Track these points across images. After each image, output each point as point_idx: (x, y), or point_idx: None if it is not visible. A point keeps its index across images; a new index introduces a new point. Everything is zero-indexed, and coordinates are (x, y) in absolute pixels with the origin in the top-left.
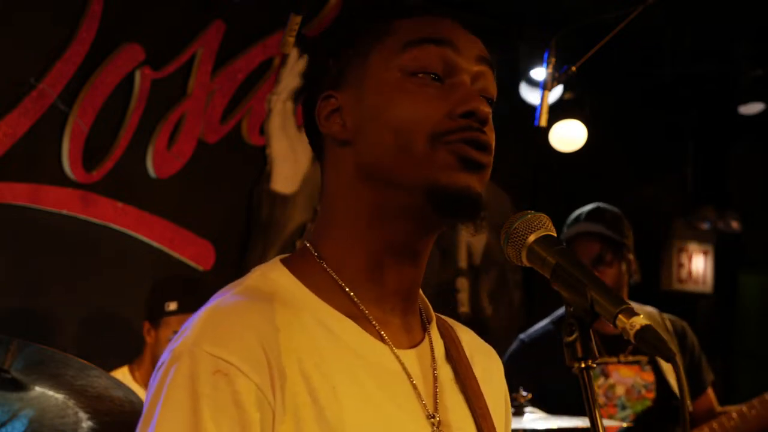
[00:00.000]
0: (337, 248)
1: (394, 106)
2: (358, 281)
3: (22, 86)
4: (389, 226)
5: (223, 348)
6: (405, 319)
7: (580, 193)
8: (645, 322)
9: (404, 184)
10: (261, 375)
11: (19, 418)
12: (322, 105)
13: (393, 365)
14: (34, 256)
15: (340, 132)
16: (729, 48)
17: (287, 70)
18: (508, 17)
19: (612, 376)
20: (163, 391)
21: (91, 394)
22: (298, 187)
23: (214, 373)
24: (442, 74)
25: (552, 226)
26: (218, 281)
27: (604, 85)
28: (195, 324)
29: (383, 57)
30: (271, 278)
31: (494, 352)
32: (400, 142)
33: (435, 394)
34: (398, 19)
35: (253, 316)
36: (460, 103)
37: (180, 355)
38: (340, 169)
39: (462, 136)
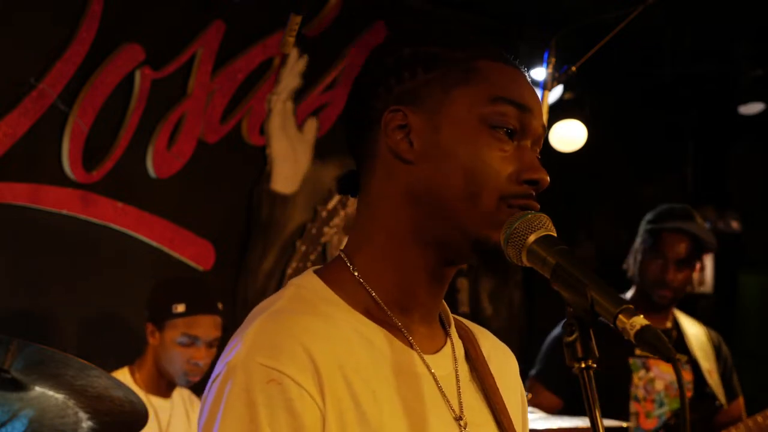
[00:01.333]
0: (372, 262)
1: (470, 153)
2: (389, 293)
3: (22, 86)
4: (427, 252)
5: (275, 359)
6: (429, 326)
7: (580, 193)
8: (645, 322)
9: (458, 227)
10: (310, 382)
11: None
12: (390, 116)
13: (422, 370)
14: (34, 256)
15: (406, 150)
16: (729, 48)
17: (287, 70)
18: (508, 17)
19: (653, 371)
20: (222, 402)
21: (91, 394)
22: (298, 187)
23: (268, 383)
24: (515, 132)
25: (552, 226)
26: (218, 281)
27: (604, 85)
28: (245, 338)
29: (468, 99)
30: (306, 290)
31: (509, 350)
32: (471, 189)
33: (459, 394)
34: (483, 60)
35: (296, 329)
36: (529, 170)
37: (234, 367)
38: (392, 185)
39: (522, 203)
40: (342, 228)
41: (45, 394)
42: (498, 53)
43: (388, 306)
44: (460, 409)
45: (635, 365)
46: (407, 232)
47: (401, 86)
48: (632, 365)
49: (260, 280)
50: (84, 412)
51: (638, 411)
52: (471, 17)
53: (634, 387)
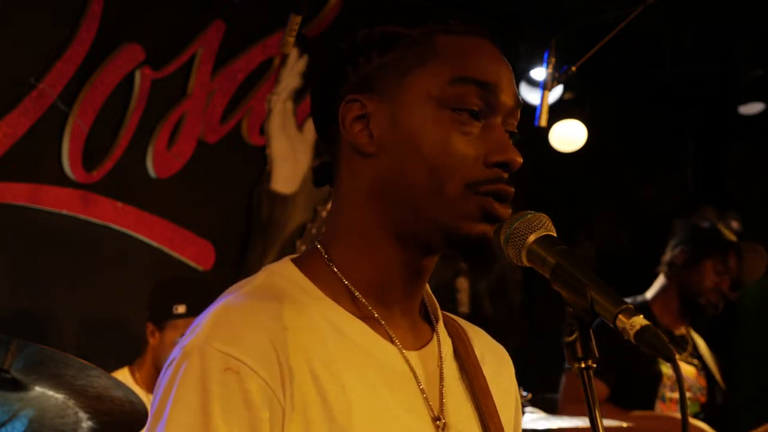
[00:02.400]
0: (346, 254)
1: (432, 141)
2: (366, 286)
3: (22, 86)
4: (400, 244)
5: (234, 346)
6: (412, 320)
7: (580, 193)
8: (645, 322)
9: (427, 219)
10: (271, 373)
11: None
12: (347, 108)
13: (401, 366)
14: (34, 256)
15: (366, 144)
16: (729, 48)
17: (287, 70)
18: (508, 17)
19: None
20: (174, 388)
21: (91, 394)
22: (298, 187)
23: (225, 371)
24: (480, 111)
25: (552, 226)
26: (218, 281)
27: (604, 85)
28: (205, 322)
29: (426, 82)
30: (281, 277)
31: (506, 352)
32: (435, 179)
33: (441, 395)
34: (442, 35)
35: (263, 315)
36: (496, 152)
37: (190, 352)
38: (357, 179)
39: (492, 189)
40: None
41: (45, 394)
42: (459, 24)
43: (366, 298)
44: (440, 410)
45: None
46: (377, 226)
47: (357, 73)
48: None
49: None
50: (84, 412)
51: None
52: (471, 17)
53: (662, 386)
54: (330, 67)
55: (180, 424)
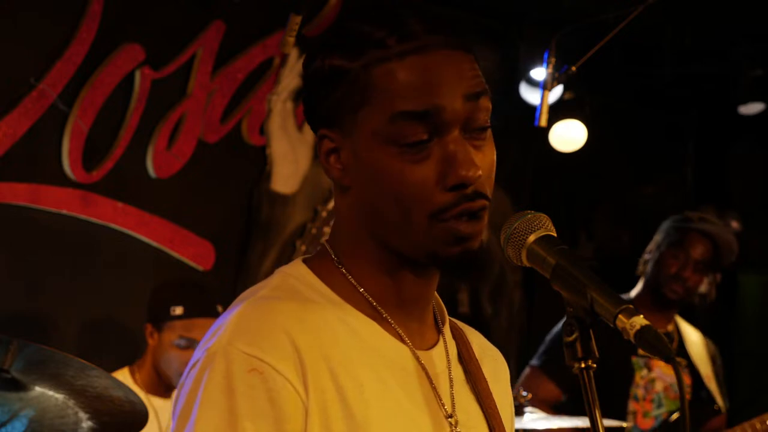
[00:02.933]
0: (354, 260)
1: (388, 174)
2: (376, 289)
3: (22, 86)
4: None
5: (257, 347)
6: (421, 322)
7: (580, 193)
8: (645, 322)
9: (407, 246)
10: (293, 372)
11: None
12: (320, 144)
13: (413, 365)
14: (34, 256)
15: (340, 177)
16: (729, 48)
17: (287, 70)
18: (508, 17)
19: (654, 371)
20: (200, 389)
21: (91, 394)
22: (298, 187)
23: (249, 372)
24: (429, 137)
25: (552, 226)
26: (218, 281)
27: (604, 85)
28: (227, 324)
29: (370, 121)
30: (295, 279)
31: (500, 354)
32: (401, 215)
33: (451, 394)
34: (378, 66)
35: (282, 316)
36: (450, 174)
37: (215, 354)
38: (345, 203)
39: (456, 212)
40: None
41: (45, 394)
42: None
43: (377, 300)
44: (452, 408)
45: (638, 364)
46: (373, 244)
47: (320, 108)
48: (635, 364)
49: (260, 280)
50: (84, 412)
51: (636, 410)
52: (471, 17)
53: (634, 386)
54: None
55: (208, 425)
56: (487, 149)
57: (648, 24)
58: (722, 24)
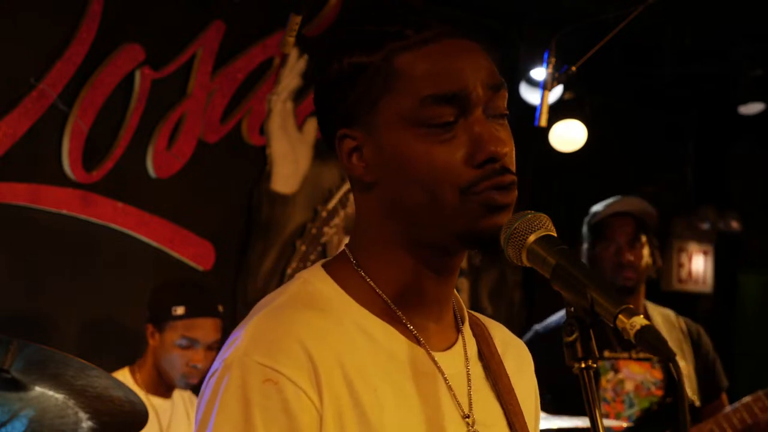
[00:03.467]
0: (373, 262)
1: (415, 158)
2: (394, 290)
3: (22, 86)
4: (422, 252)
5: (272, 358)
6: (440, 322)
7: (580, 193)
8: (645, 322)
9: (436, 230)
10: (308, 382)
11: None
12: (341, 144)
13: (429, 368)
14: (34, 256)
15: (363, 175)
16: (729, 48)
17: (287, 70)
18: (508, 17)
19: (622, 372)
20: (217, 399)
21: (91, 394)
22: (298, 187)
23: (264, 382)
24: (455, 119)
25: (552, 226)
26: (218, 281)
27: (604, 85)
28: (244, 335)
29: (395, 105)
30: (313, 285)
31: (524, 346)
32: (429, 196)
33: (469, 393)
34: (399, 55)
35: (297, 326)
36: (478, 150)
37: (231, 365)
38: (367, 203)
39: (488, 185)
40: (342, 228)
41: (45, 394)
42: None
43: (394, 302)
44: (470, 408)
45: (603, 368)
46: (397, 240)
47: (340, 108)
48: (600, 368)
49: (260, 280)
50: (84, 412)
51: (608, 412)
52: (471, 17)
53: (602, 390)
54: (319, 103)
55: None
56: (507, 133)
57: (648, 24)
58: (722, 24)
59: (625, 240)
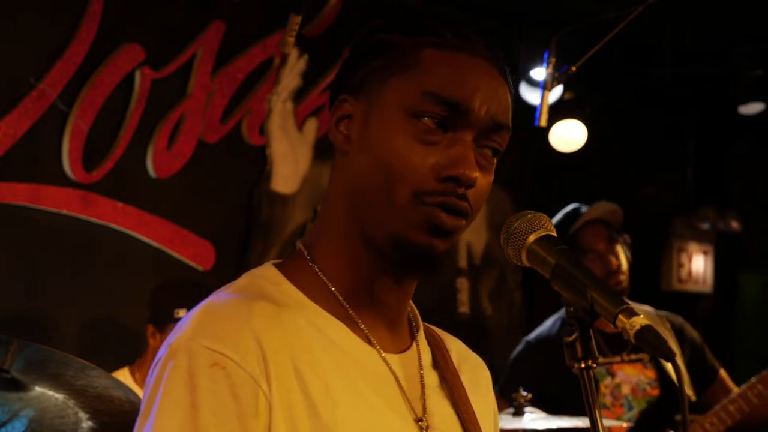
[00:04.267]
0: (328, 255)
1: (391, 146)
2: (347, 288)
3: (22, 86)
4: (375, 256)
5: (220, 342)
6: (393, 326)
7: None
8: (645, 322)
9: (378, 223)
10: (256, 368)
11: (19, 418)
12: (336, 107)
13: (381, 368)
14: (34, 257)
15: (342, 143)
16: (729, 48)
17: (287, 70)
18: (508, 17)
19: (617, 376)
20: (161, 384)
21: (91, 394)
22: (298, 187)
23: (212, 366)
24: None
25: (552, 226)
26: (218, 281)
27: (604, 85)
28: (191, 320)
29: (400, 90)
30: (263, 279)
31: (482, 362)
32: (386, 187)
33: (423, 398)
34: (431, 49)
35: (247, 313)
36: (449, 166)
37: (177, 349)
38: (336, 178)
39: (440, 200)
40: None
41: (45, 394)
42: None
43: (347, 300)
44: (423, 413)
45: (600, 374)
46: (350, 228)
47: (354, 76)
48: (597, 374)
49: None
50: (84, 412)
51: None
52: (471, 17)
53: (601, 395)
54: (344, 67)
55: (169, 419)
56: (487, 173)
57: (648, 24)
58: (722, 24)
59: (605, 247)
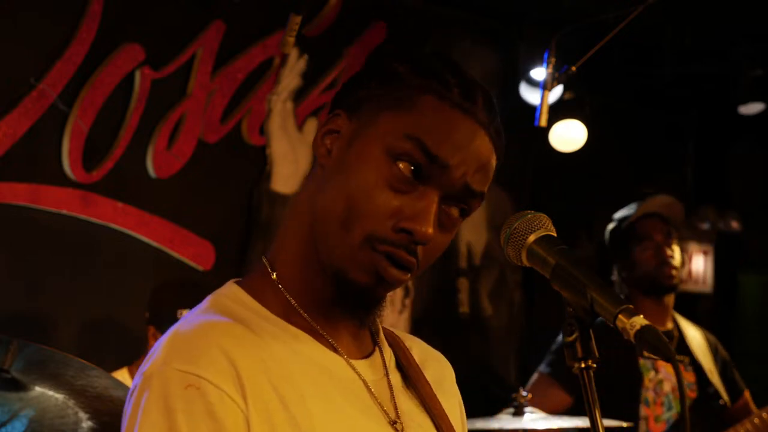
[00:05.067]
0: (288, 268)
1: (361, 180)
2: (307, 300)
3: (22, 86)
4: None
5: (192, 364)
6: (354, 332)
7: (580, 193)
8: (645, 322)
9: (326, 249)
10: (231, 385)
11: (19, 418)
12: (329, 117)
13: (350, 375)
14: (34, 257)
15: (323, 155)
16: (729, 48)
17: (287, 70)
18: (508, 17)
19: (660, 372)
20: (139, 413)
21: (91, 394)
22: (298, 187)
23: (186, 388)
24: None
25: (552, 226)
26: (218, 281)
27: (604, 85)
28: (162, 347)
29: (388, 126)
30: (227, 298)
31: (444, 358)
32: (344, 219)
33: (393, 400)
34: (432, 96)
35: (216, 333)
36: (408, 218)
37: (150, 376)
38: (307, 190)
39: (389, 251)
40: None
41: (45, 394)
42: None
43: (308, 312)
44: (396, 414)
45: (645, 367)
46: (306, 240)
47: (356, 93)
48: (642, 366)
49: None
50: (84, 412)
51: (648, 415)
52: (471, 17)
53: (644, 389)
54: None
55: None
56: (447, 232)
57: (648, 24)
58: (722, 24)
59: (663, 239)
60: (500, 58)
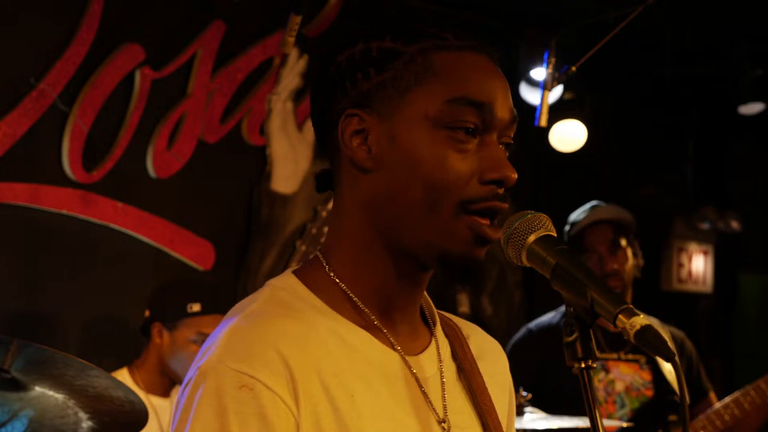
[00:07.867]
0: (346, 264)
1: (429, 159)
2: (366, 294)
3: (22, 86)
4: (396, 260)
5: (246, 364)
6: (412, 326)
7: (580, 193)
8: (645, 322)
9: (421, 238)
10: (283, 387)
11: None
12: (346, 122)
13: (404, 372)
14: (34, 256)
15: (364, 159)
16: (729, 48)
17: (287, 70)
18: (508, 17)
19: (612, 372)
20: (193, 407)
21: (91, 394)
22: (298, 187)
23: (240, 388)
24: (476, 129)
25: (552, 226)
26: (218, 281)
27: (604, 85)
28: (218, 342)
29: (423, 102)
30: (284, 291)
31: (499, 346)
32: (430, 199)
33: (443, 396)
34: (437, 52)
35: (271, 332)
36: (491, 169)
37: (206, 372)
38: (356, 192)
39: (485, 206)
40: None
41: (45, 394)
42: (455, 39)
43: (366, 306)
44: (444, 412)
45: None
46: (375, 239)
47: (356, 88)
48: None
49: (260, 280)
50: (84, 412)
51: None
52: (471, 17)
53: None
54: (328, 80)
55: None
56: None
57: (648, 24)
58: (722, 24)
59: (606, 248)
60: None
